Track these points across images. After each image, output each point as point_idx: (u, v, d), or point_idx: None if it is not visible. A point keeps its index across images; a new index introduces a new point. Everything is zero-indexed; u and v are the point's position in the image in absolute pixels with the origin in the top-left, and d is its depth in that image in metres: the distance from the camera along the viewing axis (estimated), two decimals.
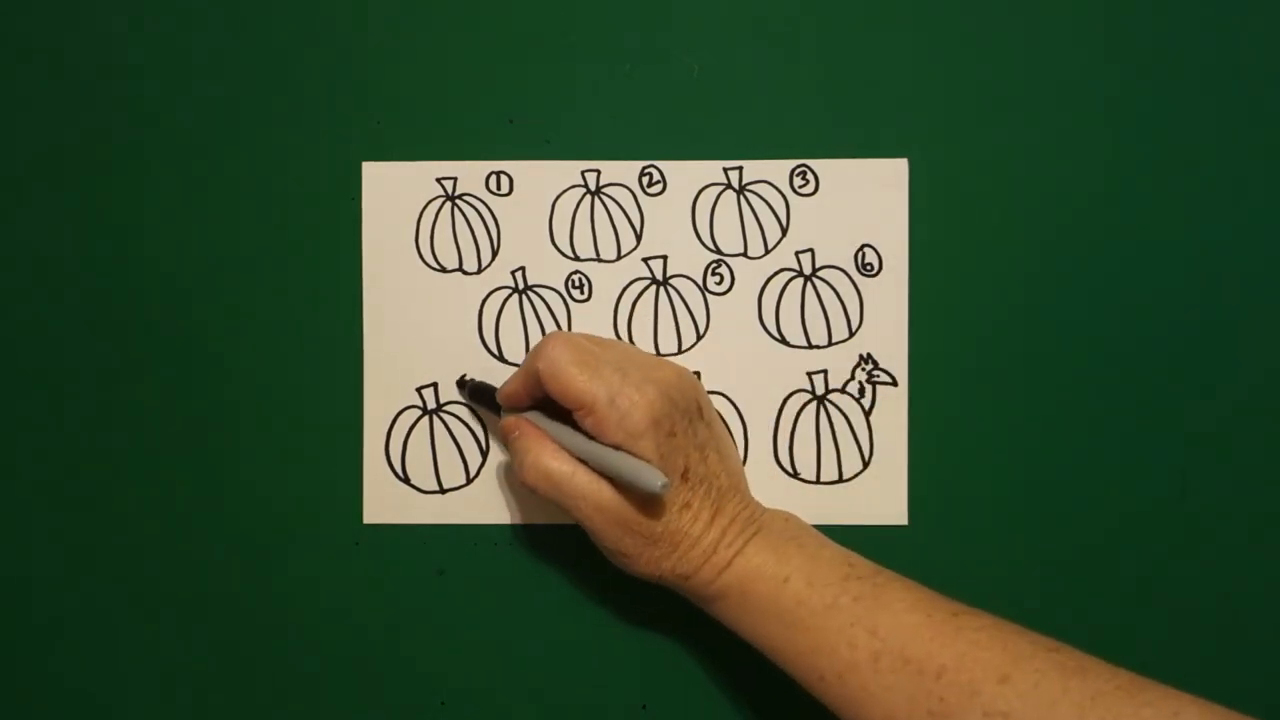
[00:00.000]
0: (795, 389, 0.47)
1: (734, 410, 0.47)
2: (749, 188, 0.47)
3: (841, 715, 0.37)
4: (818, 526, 0.43)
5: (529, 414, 0.42)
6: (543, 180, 0.47)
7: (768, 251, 0.47)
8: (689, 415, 0.40)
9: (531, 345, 0.47)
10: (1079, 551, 0.46)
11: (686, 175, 0.47)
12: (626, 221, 0.47)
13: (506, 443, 0.43)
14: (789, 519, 0.42)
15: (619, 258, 0.47)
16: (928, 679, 0.35)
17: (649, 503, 0.39)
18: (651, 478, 0.37)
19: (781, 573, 0.39)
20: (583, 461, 0.40)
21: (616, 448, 0.39)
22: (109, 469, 0.47)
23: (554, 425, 0.41)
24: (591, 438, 0.39)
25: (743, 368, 0.47)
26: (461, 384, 0.47)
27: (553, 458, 0.40)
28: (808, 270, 0.47)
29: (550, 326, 0.47)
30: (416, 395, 0.47)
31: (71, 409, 0.47)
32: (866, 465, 0.46)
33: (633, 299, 0.47)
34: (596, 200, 0.47)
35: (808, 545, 0.40)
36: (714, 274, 0.47)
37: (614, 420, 0.38)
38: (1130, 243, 0.46)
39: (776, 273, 0.47)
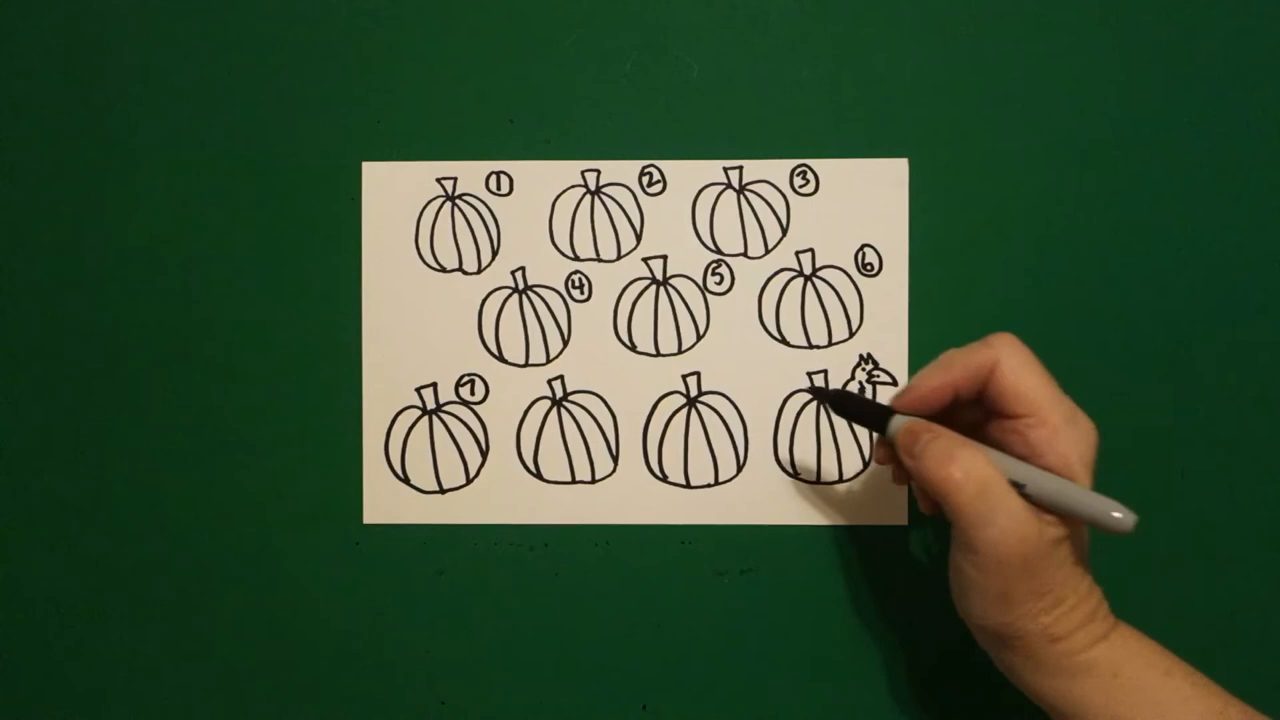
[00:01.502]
0: (795, 389, 0.47)
1: (734, 410, 0.47)
2: (749, 187, 0.47)
3: None
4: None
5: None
6: (543, 180, 0.47)
7: (768, 251, 0.47)
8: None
9: (532, 345, 0.47)
10: None
11: (686, 175, 0.47)
12: (626, 221, 0.47)
13: (908, 447, 0.37)
14: None
15: (619, 257, 0.47)
16: None
17: (1063, 545, 0.36)
18: (1118, 510, 0.33)
19: (1163, 663, 0.36)
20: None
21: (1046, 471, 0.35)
22: (109, 469, 0.47)
23: (978, 443, 0.36)
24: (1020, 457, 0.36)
25: (743, 368, 0.47)
26: (818, 392, 0.44)
27: (989, 465, 0.35)
28: (808, 270, 0.47)
29: (550, 326, 0.47)
30: (416, 395, 0.47)
31: (71, 409, 0.47)
32: (866, 465, 0.46)
33: (633, 299, 0.47)
34: (596, 200, 0.47)
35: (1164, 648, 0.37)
36: (714, 274, 0.47)
37: (1070, 439, 0.35)
38: (1129, 242, 0.46)
39: (776, 273, 0.47)
